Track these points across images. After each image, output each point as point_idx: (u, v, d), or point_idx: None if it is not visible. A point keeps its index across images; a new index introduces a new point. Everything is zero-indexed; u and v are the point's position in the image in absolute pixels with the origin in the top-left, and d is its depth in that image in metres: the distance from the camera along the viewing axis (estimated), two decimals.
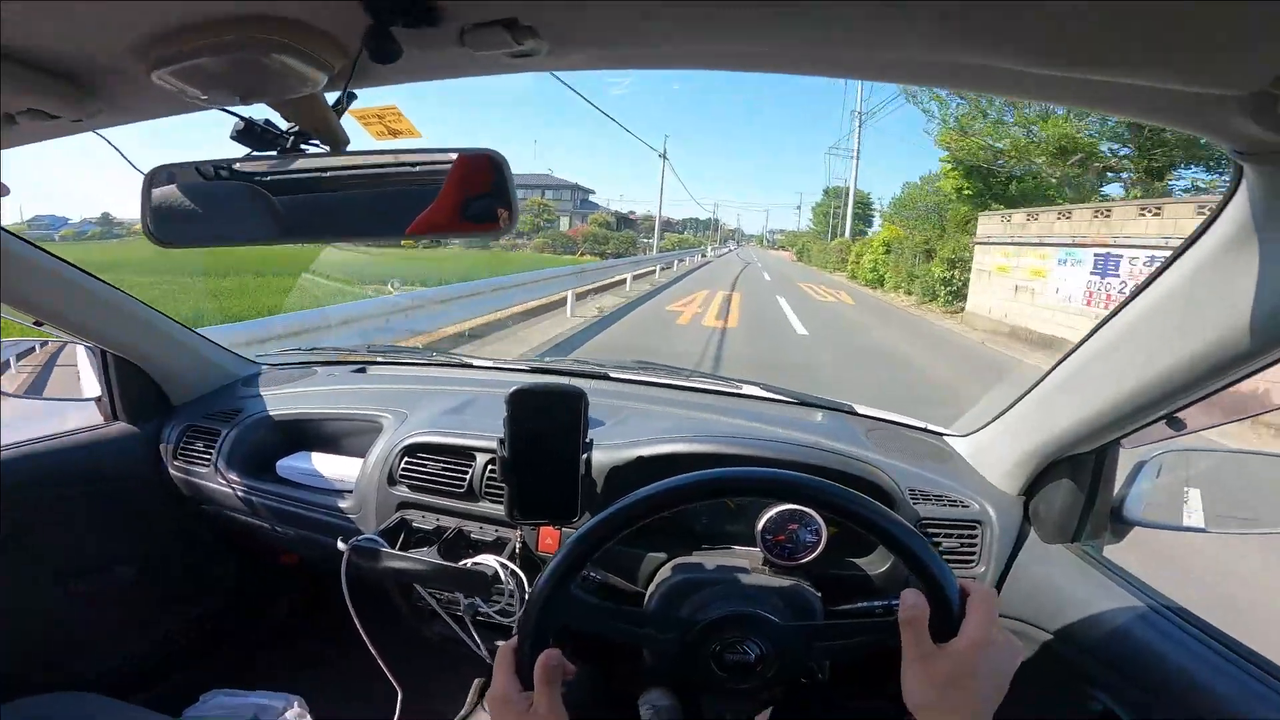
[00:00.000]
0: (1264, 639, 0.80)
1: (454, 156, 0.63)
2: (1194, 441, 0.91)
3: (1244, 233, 0.57)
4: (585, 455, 0.91)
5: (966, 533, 1.04)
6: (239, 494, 1.33)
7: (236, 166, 0.67)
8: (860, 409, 1.45)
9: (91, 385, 1.38)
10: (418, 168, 0.66)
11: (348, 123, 0.63)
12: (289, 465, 1.34)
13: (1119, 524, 0.99)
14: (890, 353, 9.09)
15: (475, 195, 0.63)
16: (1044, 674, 0.93)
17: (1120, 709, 0.81)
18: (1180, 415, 0.79)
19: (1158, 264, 0.70)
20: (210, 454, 1.37)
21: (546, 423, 0.89)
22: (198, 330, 1.53)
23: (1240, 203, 0.56)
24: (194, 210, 0.66)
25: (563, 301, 10.49)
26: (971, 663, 0.60)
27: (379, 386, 1.50)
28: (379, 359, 1.73)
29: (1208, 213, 0.60)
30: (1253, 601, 2.76)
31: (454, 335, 7.34)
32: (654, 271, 20.84)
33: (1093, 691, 0.85)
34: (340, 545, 1.05)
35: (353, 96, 0.58)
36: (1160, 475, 0.97)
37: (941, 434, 1.31)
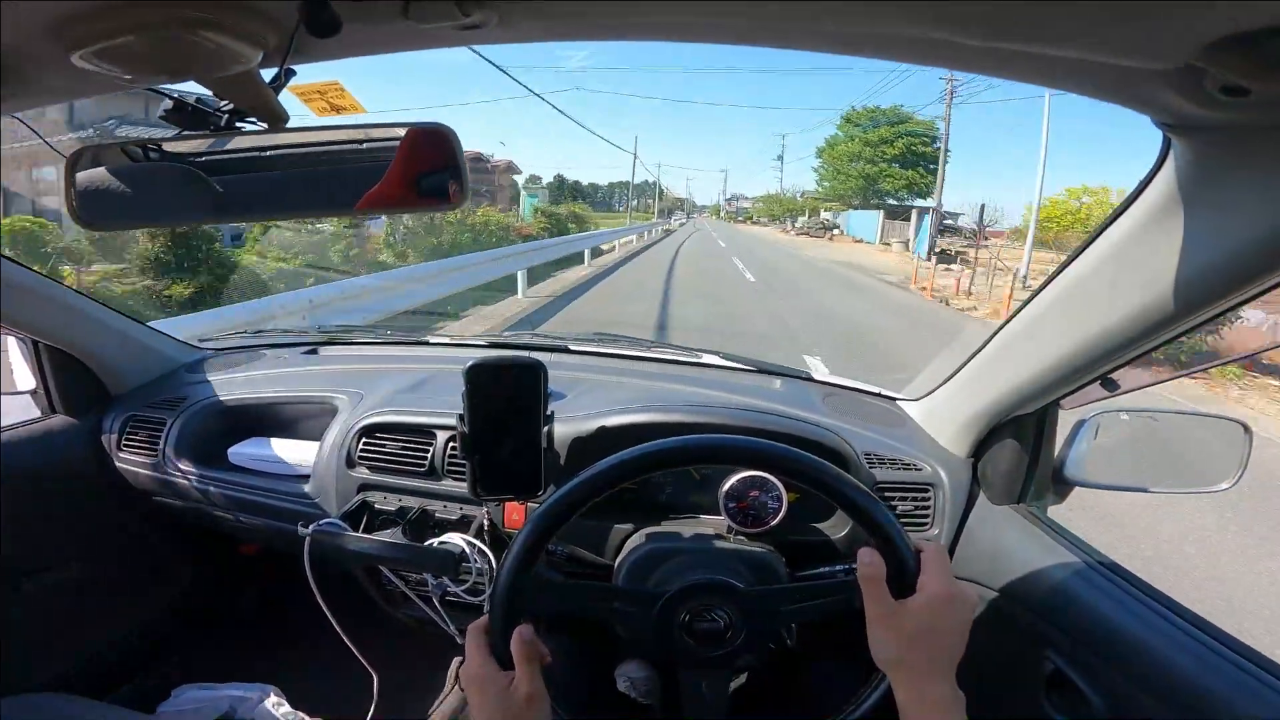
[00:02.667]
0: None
1: (403, 131, 0.62)
2: (1130, 402, 0.95)
3: (1170, 202, 0.59)
4: (546, 428, 0.91)
5: (920, 495, 1.08)
6: (190, 484, 1.29)
7: (168, 146, 0.64)
8: (817, 375, 1.49)
9: (25, 377, 1.32)
10: (365, 143, 0.65)
11: (288, 100, 0.61)
12: (241, 452, 1.31)
13: (1061, 484, 1.03)
14: None
15: (427, 170, 0.62)
16: (998, 635, 0.96)
17: (1071, 669, 0.84)
18: (1114, 376, 0.82)
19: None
20: (156, 444, 1.32)
21: (505, 397, 0.88)
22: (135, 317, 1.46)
23: (1167, 174, 0.58)
24: (123, 191, 0.64)
25: None
26: (932, 616, 0.63)
27: (332, 367, 1.46)
28: (330, 340, 1.68)
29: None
30: None
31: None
32: None
33: (1045, 652, 0.88)
34: (301, 530, 1.03)
35: (291, 73, 0.56)
36: (1098, 436, 1.01)
37: (895, 398, 1.34)
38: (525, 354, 0.95)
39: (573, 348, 1.54)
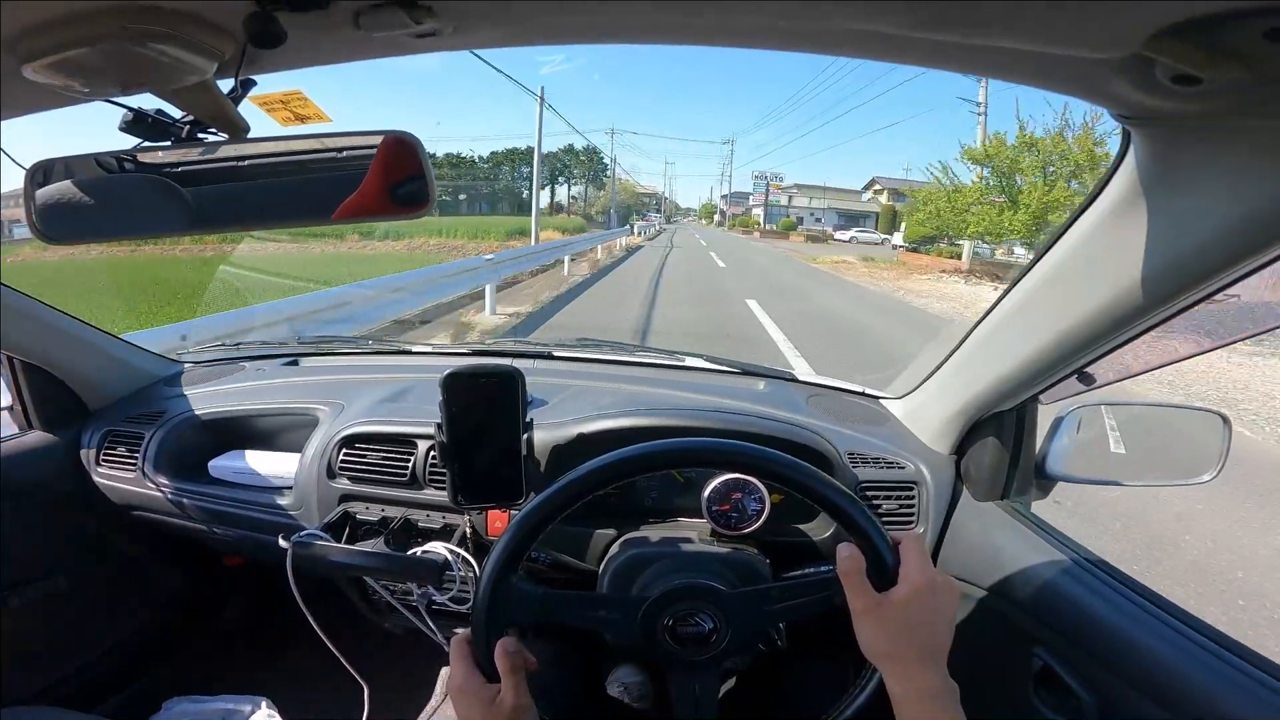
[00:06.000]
0: None
1: (375, 140, 0.62)
2: (1107, 395, 0.96)
3: (1133, 195, 0.59)
4: (526, 435, 0.91)
5: (904, 494, 1.08)
6: (170, 498, 1.28)
7: (141, 157, 0.64)
8: (801, 376, 1.49)
9: (2, 394, 1.31)
10: (344, 152, 0.65)
11: (256, 112, 0.61)
12: (221, 465, 1.30)
13: (1043, 479, 1.04)
14: None
15: (402, 177, 0.62)
16: (985, 632, 0.96)
17: (1059, 666, 0.85)
18: (1090, 371, 0.83)
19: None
20: (135, 458, 1.31)
21: (484, 405, 0.89)
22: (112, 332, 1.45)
23: (1129, 167, 0.58)
24: (89, 203, 0.63)
25: None
26: (917, 606, 0.63)
27: (312, 379, 1.45)
28: (310, 350, 1.67)
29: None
30: None
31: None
32: None
33: (1032, 649, 0.88)
34: (282, 542, 1.03)
35: (251, 83, 0.55)
36: (1079, 430, 1.01)
37: (878, 397, 1.34)
38: (504, 361, 0.95)
39: (556, 354, 1.54)
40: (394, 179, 0.62)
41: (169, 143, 0.59)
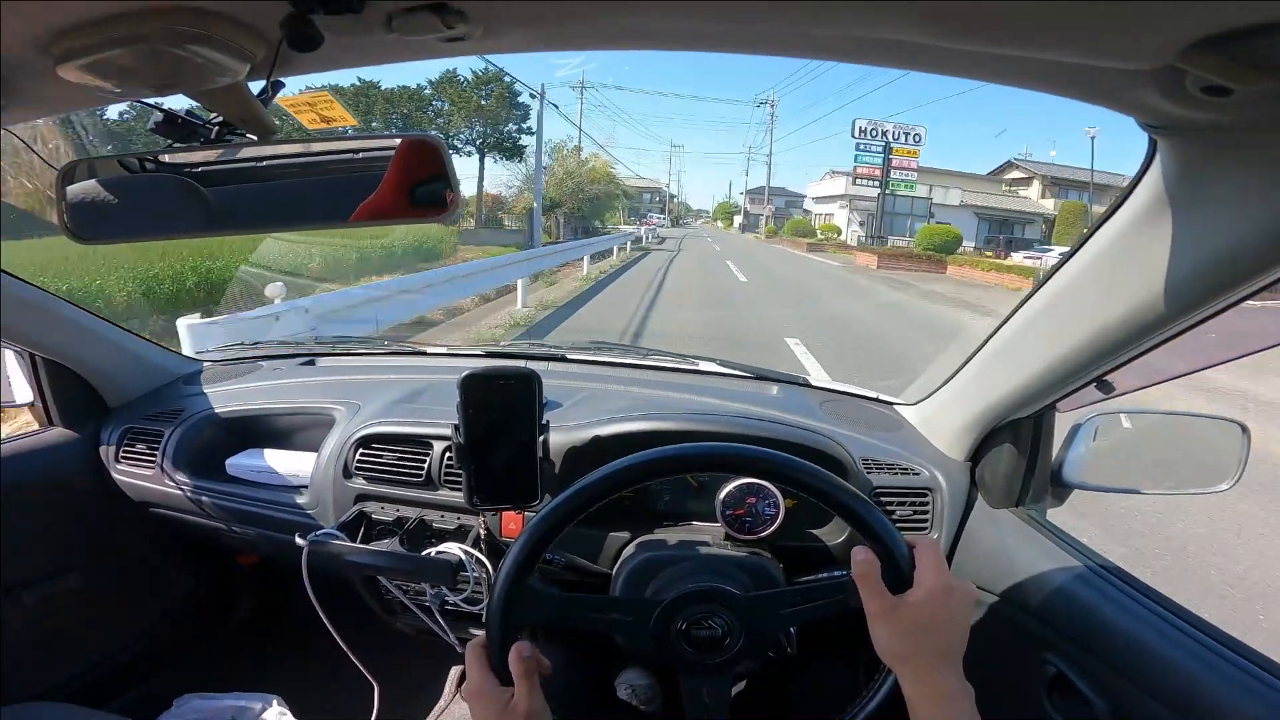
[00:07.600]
0: None
1: (395, 142, 0.63)
2: (1125, 404, 0.95)
3: (1158, 204, 0.59)
4: (542, 438, 0.91)
5: (918, 500, 1.08)
6: (188, 495, 1.30)
7: (164, 158, 0.65)
8: (815, 381, 1.48)
9: (23, 390, 1.33)
10: (360, 154, 0.65)
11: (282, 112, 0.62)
12: (239, 463, 1.31)
13: (1059, 487, 1.03)
14: None
15: (422, 179, 0.62)
16: (998, 638, 0.96)
17: (1072, 673, 0.84)
18: (1109, 379, 0.82)
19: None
20: (154, 456, 1.33)
21: (500, 407, 0.89)
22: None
23: (1154, 175, 0.58)
24: (117, 204, 0.64)
25: None
26: (932, 609, 0.63)
27: (329, 378, 1.46)
28: (328, 350, 1.69)
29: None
30: None
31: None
32: None
33: (1045, 655, 0.88)
34: (299, 541, 1.03)
35: (280, 85, 0.56)
36: (1096, 438, 1.00)
37: (892, 403, 1.34)
38: (521, 364, 0.95)
39: (570, 356, 1.54)
40: (413, 180, 0.62)
41: (198, 144, 0.60)
